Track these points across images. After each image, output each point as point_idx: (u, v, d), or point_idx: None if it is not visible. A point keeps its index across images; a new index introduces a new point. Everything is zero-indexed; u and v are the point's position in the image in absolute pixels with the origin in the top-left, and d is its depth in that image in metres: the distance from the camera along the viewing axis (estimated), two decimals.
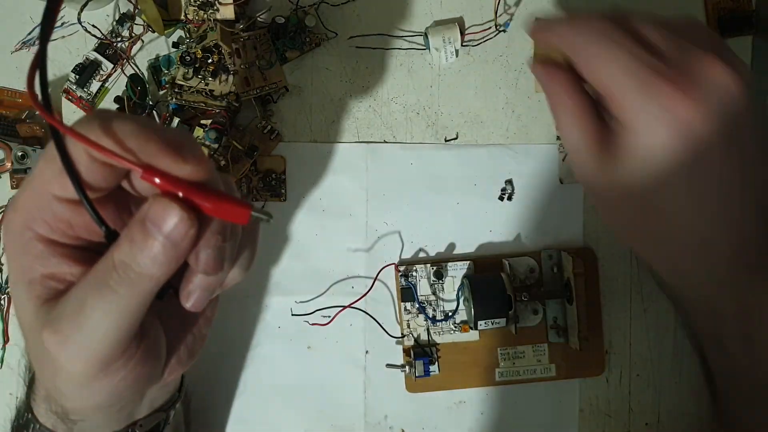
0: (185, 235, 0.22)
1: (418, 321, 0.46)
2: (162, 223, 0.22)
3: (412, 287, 0.45)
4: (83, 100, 0.47)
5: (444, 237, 0.47)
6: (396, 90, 0.47)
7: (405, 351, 0.46)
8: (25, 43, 0.47)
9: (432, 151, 0.47)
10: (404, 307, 0.46)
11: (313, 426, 0.47)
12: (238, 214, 0.23)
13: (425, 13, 0.47)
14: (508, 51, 0.47)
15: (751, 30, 0.46)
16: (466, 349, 0.46)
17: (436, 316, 0.46)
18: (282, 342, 0.47)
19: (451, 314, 0.45)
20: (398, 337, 0.46)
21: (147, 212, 0.22)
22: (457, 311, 0.45)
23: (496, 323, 0.42)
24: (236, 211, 0.23)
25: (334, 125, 0.47)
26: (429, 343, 0.46)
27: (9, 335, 0.47)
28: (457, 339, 0.46)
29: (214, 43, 0.45)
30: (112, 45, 0.46)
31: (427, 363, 0.45)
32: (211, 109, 0.46)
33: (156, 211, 0.22)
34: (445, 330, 0.46)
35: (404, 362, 0.46)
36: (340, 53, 0.47)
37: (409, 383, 0.46)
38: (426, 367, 0.45)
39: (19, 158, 0.45)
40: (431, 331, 0.46)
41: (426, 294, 0.46)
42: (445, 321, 0.46)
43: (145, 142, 0.22)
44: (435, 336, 0.46)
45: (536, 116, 0.47)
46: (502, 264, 0.46)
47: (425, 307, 0.46)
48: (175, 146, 0.22)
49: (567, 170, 0.47)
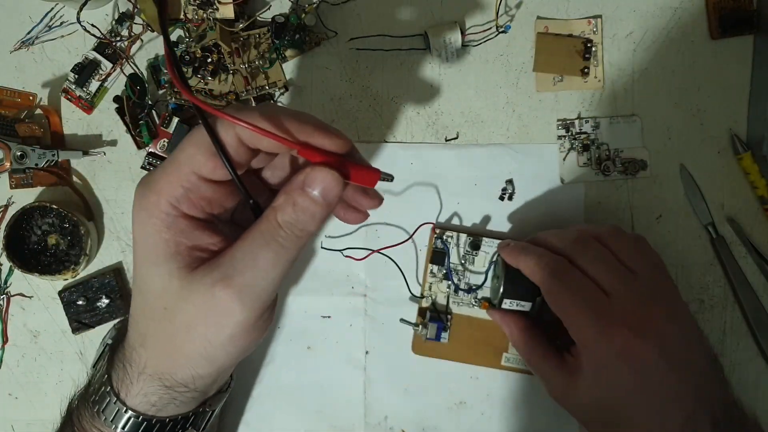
0: (337, 194, 0.28)
1: (440, 287, 0.46)
2: (321, 185, 0.27)
3: (446, 251, 0.45)
4: (82, 99, 0.47)
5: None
6: (396, 90, 0.47)
7: (420, 311, 0.46)
8: (24, 42, 0.47)
9: (432, 150, 0.47)
10: (431, 270, 0.46)
11: (313, 426, 0.47)
12: (371, 178, 0.29)
13: (426, 13, 0.47)
14: (509, 51, 0.47)
15: (751, 30, 0.46)
16: (480, 326, 0.46)
17: (460, 286, 0.46)
18: (282, 342, 0.47)
19: (476, 288, 0.45)
20: (417, 296, 0.46)
21: (305, 179, 0.28)
22: (481, 287, 0.45)
23: (521, 305, 0.42)
24: (370, 176, 0.29)
25: (334, 125, 0.47)
26: (446, 311, 0.46)
27: (8, 336, 0.47)
28: (474, 314, 0.46)
29: (214, 43, 0.44)
30: (112, 44, 0.46)
31: (440, 328, 0.45)
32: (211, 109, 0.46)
33: (315, 177, 0.28)
34: (464, 302, 0.46)
35: (418, 322, 0.46)
36: (340, 53, 0.47)
37: (417, 344, 0.46)
38: (439, 331, 0.45)
39: (18, 158, 0.45)
40: (451, 300, 0.46)
41: (455, 263, 0.46)
42: (468, 293, 0.46)
43: (301, 125, 0.28)
44: (453, 306, 0.46)
45: (537, 116, 0.47)
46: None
47: (452, 274, 0.46)
48: (323, 127, 0.28)
49: (567, 170, 0.47)
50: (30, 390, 0.47)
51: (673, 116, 0.47)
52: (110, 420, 0.33)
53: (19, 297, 0.47)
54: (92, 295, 0.47)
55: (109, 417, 0.33)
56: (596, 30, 0.46)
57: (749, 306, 0.46)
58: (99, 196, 0.48)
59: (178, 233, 0.29)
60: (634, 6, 0.46)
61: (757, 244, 0.46)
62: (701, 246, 0.47)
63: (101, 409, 0.33)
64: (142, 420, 0.33)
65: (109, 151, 0.47)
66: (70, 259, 0.45)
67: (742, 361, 0.46)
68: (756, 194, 0.46)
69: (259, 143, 0.28)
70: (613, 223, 0.42)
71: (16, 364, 0.48)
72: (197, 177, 0.29)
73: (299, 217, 0.28)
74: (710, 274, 0.47)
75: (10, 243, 0.45)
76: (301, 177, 0.28)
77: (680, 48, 0.47)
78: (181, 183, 0.28)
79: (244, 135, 0.28)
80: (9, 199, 0.47)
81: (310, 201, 0.28)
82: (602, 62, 0.47)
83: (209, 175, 0.29)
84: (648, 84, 0.47)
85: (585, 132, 0.47)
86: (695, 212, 0.46)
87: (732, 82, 0.46)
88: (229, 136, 0.28)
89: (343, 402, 0.47)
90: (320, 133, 0.28)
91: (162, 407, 0.33)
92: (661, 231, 0.47)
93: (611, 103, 0.47)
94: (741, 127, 0.46)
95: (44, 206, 0.45)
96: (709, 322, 0.46)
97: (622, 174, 0.46)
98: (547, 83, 0.47)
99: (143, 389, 0.32)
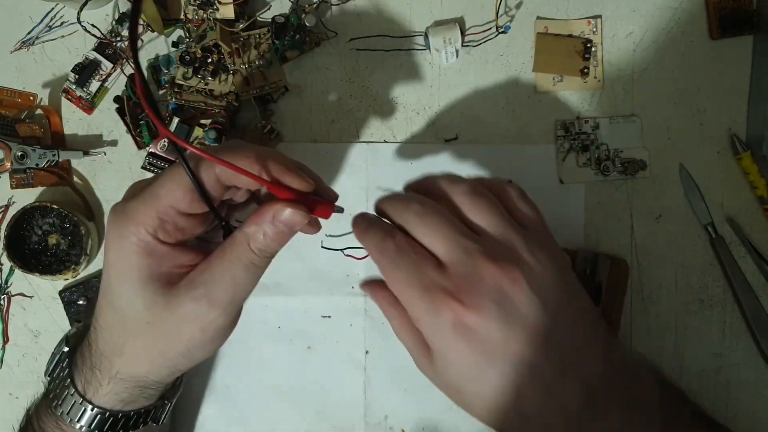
0: (301, 226, 0.32)
1: None
2: (287, 219, 0.32)
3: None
4: (83, 99, 0.47)
5: None
6: (396, 90, 0.47)
7: None
8: (25, 42, 0.47)
9: (432, 150, 0.47)
10: None
11: (313, 426, 0.47)
12: (326, 211, 0.34)
13: (426, 13, 0.47)
14: (509, 51, 0.47)
15: (751, 30, 0.46)
16: None
17: None
18: (282, 342, 0.47)
19: None
20: None
21: (275, 214, 0.32)
22: None
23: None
24: (325, 209, 0.34)
25: (334, 125, 0.47)
26: None
27: (9, 335, 0.47)
28: None
29: (214, 43, 0.44)
30: (112, 44, 0.46)
31: None
32: (211, 109, 0.46)
33: (282, 212, 0.32)
34: None
35: None
36: (340, 53, 0.47)
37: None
38: None
39: (19, 158, 0.45)
40: None
41: None
42: None
43: (275, 165, 0.32)
44: None
45: (536, 116, 0.47)
46: None
47: None
48: (292, 168, 0.32)
49: (567, 170, 0.47)
50: (31, 390, 0.47)
51: (672, 116, 0.47)
52: (76, 420, 0.36)
53: (20, 297, 0.47)
54: (93, 295, 0.47)
55: (75, 417, 0.36)
56: (596, 30, 0.46)
57: (749, 306, 0.46)
58: (99, 196, 0.48)
59: (157, 258, 0.32)
60: (634, 6, 0.47)
61: (757, 244, 0.46)
62: (701, 246, 0.47)
63: (65, 411, 0.36)
64: (109, 416, 0.36)
65: (109, 151, 0.47)
66: (71, 259, 0.45)
67: (742, 361, 0.46)
68: (755, 194, 0.46)
69: (235, 181, 0.32)
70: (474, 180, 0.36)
71: (17, 363, 0.48)
72: (174, 210, 0.32)
73: (268, 243, 0.32)
74: (710, 274, 0.47)
75: (10, 243, 0.45)
76: (271, 212, 0.32)
77: (680, 48, 0.47)
78: (159, 215, 0.32)
79: (222, 174, 0.31)
80: (10, 199, 0.47)
81: (277, 232, 0.32)
82: (602, 62, 0.47)
83: (185, 209, 0.32)
84: (648, 84, 0.47)
85: (584, 132, 0.47)
86: (695, 212, 0.46)
87: (732, 82, 0.46)
88: (208, 175, 0.31)
89: (343, 402, 0.47)
90: (289, 174, 0.32)
91: (131, 401, 0.36)
92: (660, 231, 0.47)
93: (611, 103, 0.47)
94: (740, 127, 0.46)
95: (45, 206, 0.45)
96: (708, 322, 0.46)
97: (622, 174, 0.46)
98: (546, 83, 0.47)
99: (113, 389, 0.35)
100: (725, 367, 0.46)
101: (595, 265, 0.45)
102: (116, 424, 0.36)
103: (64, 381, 0.36)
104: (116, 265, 0.33)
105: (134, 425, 0.37)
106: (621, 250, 0.47)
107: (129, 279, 0.32)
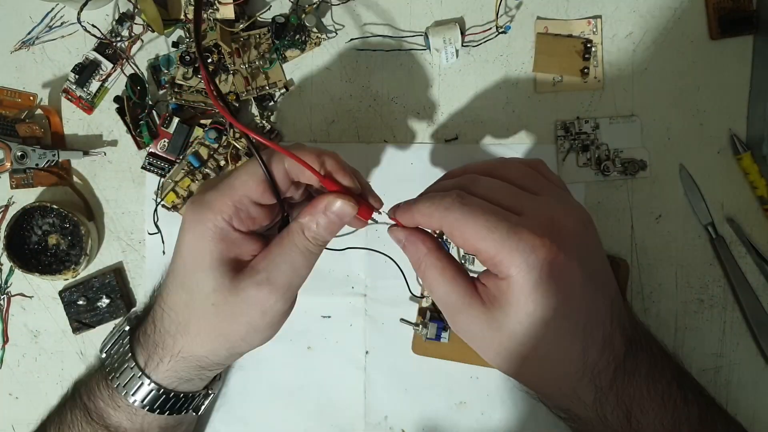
0: (349, 217, 0.35)
1: None
2: (338, 209, 0.35)
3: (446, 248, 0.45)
4: (83, 99, 0.47)
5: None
6: (396, 90, 0.47)
7: (420, 311, 0.46)
8: (25, 42, 0.47)
9: (432, 151, 0.47)
10: None
11: (313, 426, 0.47)
12: (367, 213, 0.36)
13: (425, 13, 0.47)
14: (509, 51, 0.47)
15: (751, 30, 0.46)
16: None
17: None
18: (282, 342, 0.47)
19: None
20: (417, 296, 0.46)
21: (327, 204, 0.35)
22: None
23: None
24: (366, 211, 0.36)
25: (334, 125, 0.47)
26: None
27: (8, 335, 0.47)
28: None
29: (214, 43, 0.44)
30: (112, 45, 0.46)
31: (441, 328, 0.45)
32: (211, 109, 0.46)
33: (334, 203, 0.35)
34: None
35: (418, 321, 0.46)
36: (340, 53, 0.47)
37: (417, 344, 0.46)
38: (439, 331, 0.45)
39: (19, 158, 0.45)
40: None
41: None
42: None
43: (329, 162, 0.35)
44: None
45: (536, 116, 0.47)
46: None
47: None
48: (345, 168, 0.35)
49: (567, 170, 0.47)
50: (30, 390, 0.47)
51: (672, 116, 0.47)
52: (131, 393, 0.38)
53: (20, 297, 0.47)
54: (92, 295, 0.47)
55: (131, 390, 0.38)
56: (596, 30, 0.46)
57: (749, 306, 0.46)
58: (99, 196, 0.48)
59: (230, 243, 0.35)
60: (634, 6, 0.47)
61: (757, 244, 0.46)
62: (701, 246, 0.47)
63: (122, 384, 0.38)
64: (162, 392, 0.38)
65: (109, 151, 0.47)
66: (71, 259, 0.45)
67: (742, 361, 0.46)
68: (756, 194, 0.46)
69: (300, 175, 0.35)
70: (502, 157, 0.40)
71: (17, 364, 0.48)
72: (248, 200, 0.35)
73: (321, 232, 0.35)
74: (710, 274, 0.47)
75: (10, 243, 0.45)
76: (323, 203, 0.35)
77: (680, 48, 0.47)
78: (235, 203, 0.35)
79: (291, 169, 0.35)
80: (9, 199, 0.47)
81: (329, 221, 0.35)
82: (602, 63, 0.47)
83: (257, 199, 0.35)
84: (648, 84, 0.47)
85: (584, 132, 0.47)
86: (695, 212, 0.46)
87: (732, 82, 0.46)
88: (278, 169, 0.35)
89: (343, 402, 0.47)
90: (342, 172, 0.35)
91: (188, 380, 0.39)
92: (660, 231, 0.47)
93: (611, 103, 0.47)
94: (740, 127, 0.46)
95: (45, 206, 0.45)
96: (708, 322, 0.46)
97: (622, 174, 0.46)
98: (546, 83, 0.47)
99: (173, 367, 0.38)
100: (725, 367, 0.46)
101: None
102: (166, 403, 0.39)
103: (125, 356, 0.39)
104: (192, 249, 0.35)
105: (180, 408, 0.40)
106: (621, 250, 0.47)
107: (202, 261, 0.35)
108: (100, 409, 0.39)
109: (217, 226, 0.35)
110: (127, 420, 0.39)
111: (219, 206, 0.35)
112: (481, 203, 0.33)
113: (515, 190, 0.34)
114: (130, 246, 0.48)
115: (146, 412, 0.38)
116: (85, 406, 0.40)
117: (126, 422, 0.39)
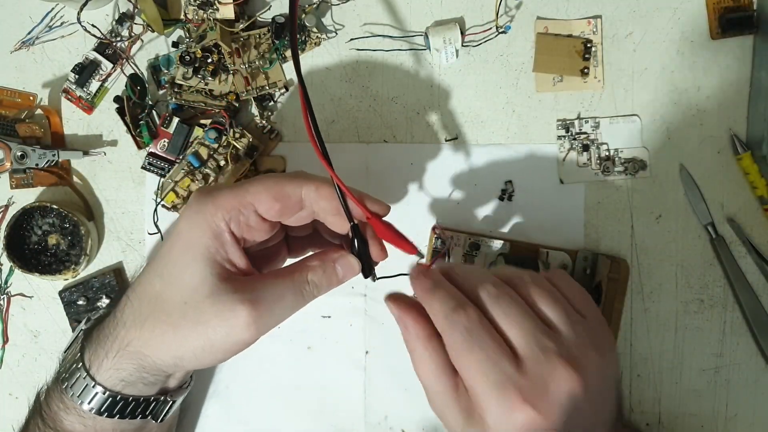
0: (351, 277, 0.37)
1: None
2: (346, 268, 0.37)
3: (446, 251, 0.45)
4: (83, 99, 0.47)
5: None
6: (396, 90, 0.47)
7: None
8: (25, 42, 0.47)
9: (432, 151, 0.47)
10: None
11: (313, 426, 0.47)
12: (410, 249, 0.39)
13: (425, 13, 0.47)
14: (509, 51, 0.47)
15: (751, 30, 0.46)
16: None
17: None
18: (282, 342, 0.47)
19: None
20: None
21: (338, 259, 0.37)
22: None
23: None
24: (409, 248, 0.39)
25: (334, 125, 0.47)
26: None
27: (8, 336, 0.47)
28: None
29: (214, 43, 0.44)
30: (112, 44, 0.46)
31: None
32: (211, 109, 0.46)
33: (345, 261, 0.37)
34: None
35: None
36: (340, 53, 0.47)
37: None
38: None
39: (19, 158, 0.45)
40: None
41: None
42: None
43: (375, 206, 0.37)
44: None
45: (536, 116, 0.47)
46: (539, 252, 0.46)
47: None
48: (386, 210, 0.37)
49: (567, 170, 0.47)
50: (30, 390, 0.47)
51: (672, 116, 0.47)
52: (78, 395, 0.36)
53: (20, 297, 0.47)
54: (92, 295, 0.47)
55: (77, 392, 0.36)
56: (596, 30, 0.46)
57: (749, 306, 0.46)
58: (99, 196, 0.48)
59: (222, 244, 0.34)
60: (634, 6, 0.47)
61: (757, 244, 0.46)
62: (701, 246, 0.47)
63: (70, 385, 0.36)
64: (108, 396, 0.36)
65: (109, 152, 0.47)
66: (71, 259, 0.45)
67: (742, 361, 0.46)
68: (755, 194, 0.46)
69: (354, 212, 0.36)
70: (532, 271, 0.38)
71: (17, 363, 0.48)
72: (253, 208, 0.35)
73: (323, 282, 0.36)
74: (710, 274, 0.47)
75: (10, 243, 0.45)
76: (336, 255, 0.37)
77: (680, 48, 0.47)
78: (240, 206, 0.34)
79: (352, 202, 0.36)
80: (9, 199, 0.47)
81: (334, 275, 0.37)
82: (602, 62, 0.47)
83: (263, 213, 0.35)
84: (648, 84, 0.47)
85: (585, 132, 0.47)
86: (695, 212, 0.46)
87: (732, 82, 0.46)
88: (295, 194, 0.36)
89: (343, 402, 0.47)
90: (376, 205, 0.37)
91: (129, 384, 0.36)
92: (661, 231, 0.47)
93: (611, 103, 0.47)
94: (741, 127, 0.46)
95: (45, 206, 0.45)
96: (708, 322, 0.46)
97: (622, 174, 0.46)
98: (546, 83, 0.47)
99: (116, 364, 0.36)
100: (725, 367, 0.46)
101: (595, 264, 0.45)
102: (115, 406, 0.37)
103: (75, 355, 0.37)
104: (183, 237, 0.34)
105: (132, 413, 0.37)
106: (621, 250, 0.47)
107: (191, 251, 0.34)
108: (54, 414, 0.38)
109: (215, 221, 0.34)
110: (80, 424, 0.37)
111: (223, 203, 0.34)
112: (483, 341, 0.33)
113: (528, 327, 0.33)
114: (130, 246, 0.48)
115: (95, 416, 0.37)
116: (41, 411, 0.38)
117: (79, 426, 0.37)
